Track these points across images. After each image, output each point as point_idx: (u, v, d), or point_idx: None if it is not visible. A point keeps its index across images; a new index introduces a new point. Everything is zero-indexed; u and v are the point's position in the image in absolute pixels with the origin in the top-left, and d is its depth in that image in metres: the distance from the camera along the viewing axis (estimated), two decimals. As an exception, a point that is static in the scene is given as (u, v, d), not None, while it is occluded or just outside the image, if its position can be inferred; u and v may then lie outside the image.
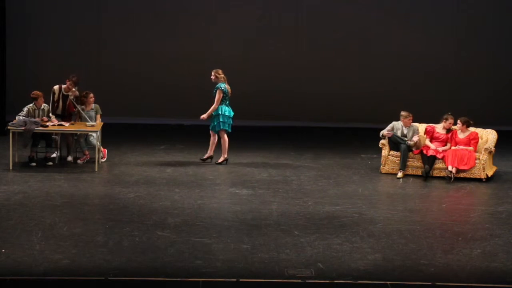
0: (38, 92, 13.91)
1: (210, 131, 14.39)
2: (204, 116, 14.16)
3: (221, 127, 14.25)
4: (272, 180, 13.44)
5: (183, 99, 15.66)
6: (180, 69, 16.68)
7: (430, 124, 14.29)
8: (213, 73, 14.27)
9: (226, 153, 14.39)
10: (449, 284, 9.01)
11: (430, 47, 18.13)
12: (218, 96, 14.17)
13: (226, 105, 14.31)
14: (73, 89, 14.21)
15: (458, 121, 14.02)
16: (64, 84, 14.21)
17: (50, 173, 13.44)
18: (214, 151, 14.43)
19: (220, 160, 14.40)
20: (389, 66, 18.15)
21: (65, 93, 14.21)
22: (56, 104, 14.25)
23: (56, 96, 14.25)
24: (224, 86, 14.22)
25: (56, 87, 14.29)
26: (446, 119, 14.08)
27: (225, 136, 14.30)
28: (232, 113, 14.35)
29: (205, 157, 14.48)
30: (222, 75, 14.24)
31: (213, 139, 14.39)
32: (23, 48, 17.82)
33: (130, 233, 10.38)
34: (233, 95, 18.18)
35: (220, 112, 14.24)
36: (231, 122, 14.36)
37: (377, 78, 18.11)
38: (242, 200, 12.11)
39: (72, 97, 14.18)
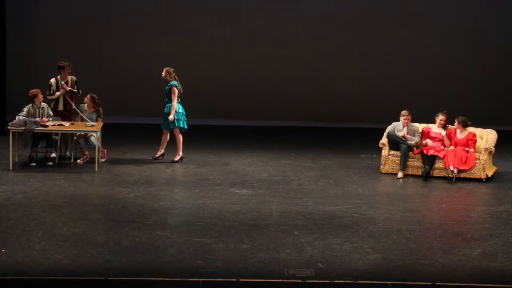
0: (35, 90, 13.93)
1: (163, 129, 14.43)
2: (171, 116, 14.15)
3: (176, 125, 14.29)
4: (272, 180, 13.44)
5: (182, 99, 15.64)
6: (180, 69, 16.64)
7: (426, 126, 14.29)
8: (164, 71, 14.28)
9: (181, 150, 14.44)
10: (449, 284, 9.01)
11: (430, 47, 18.14)
12: (174, 93, 14.16)
13: (179, 103, 14.31)
14: (68, 73, 14.27)
15: (456, 121, 14.01)
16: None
17: (50, 173, 13.44)
18: (165, 148, 14.51)
19: (176, 159, 14.42)
20: (389, 66, 18.16)
21: (62, 81, 14.29)
22: (55, 100, 14.31)
23: (53, 88, 14.28)
24: (177, 83, 14.24)
25: (52, 80, 14.35)
26: (437, 116, 14.10)
27: (179, 134, 14.36)
28: (184, 111, 14.39)
29: (157, 155, 14.51)
30: (174, 74, 14.26)
31: (165, 137, 14.45)
32: (23, 48, 17.82)
33: (130, 233, 10.38)
34: (234, 95, 18.25)
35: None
36: (185, 119, 14.41)
37: (377, 78, 18.12)
38: (242, 200, 12.11)
39: (64, 81, 14.24)
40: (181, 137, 14.39)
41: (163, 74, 14.28)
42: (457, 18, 18.13)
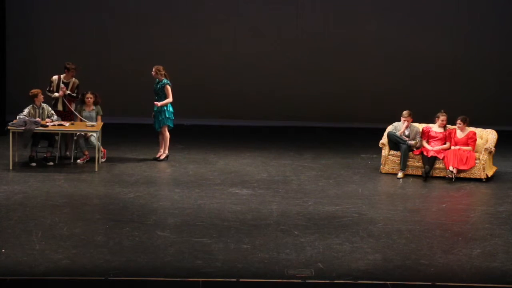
0: (36, 90, 13.94)
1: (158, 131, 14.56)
2: (158, 103, 14.21)
3: (165, 123, 14.36)
4: (272, 180, 13.44)
5: (183, 98, 15.63)
6: (180, 68, 16.64)
7: (426, 125, 14.30)
8: (154, 69, 14.33)
9: (167, 149, 14.50)
10: (449, 284, 9.02)
11: (430, 47, 18.12)
12: (168, 91, 14.22)
13: None
14: (72, 75, 14.32)
15: (458, 121, 14.01)
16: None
17: (50, 173, 13.44)
18: (168, 148, 14.62)
19: (162, 157, 14.47)
20: (389, 66, 18.13)
21: (65, 81, 14.31)
22: (54, 99, 14.32)
23: (53, 85, 14.30)
24: (169, 82, 14.29)
25: (55, 77, 14.37)
26: (438, 117, 14.10)
27: (167, 132, 14.42)
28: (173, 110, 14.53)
29: (158, 155, 14.56)
30: (163, 72, 14.30)
31: (166, 135, 14.55)
32: (24, 48, 17.81)
33: (130, 233, 10.38)
34: (234, 95, 18.23)
35: (165, 108, 14.29)
36: (173, 118, 14.48)
37: (377, 78, 18.09)
38: (242, 200, 12.12)
39: (67, 82, 14.28)
40: (168, 135, 14.44)
41: (153, 73, 14.34)
42: (457, 18, 18.11)
